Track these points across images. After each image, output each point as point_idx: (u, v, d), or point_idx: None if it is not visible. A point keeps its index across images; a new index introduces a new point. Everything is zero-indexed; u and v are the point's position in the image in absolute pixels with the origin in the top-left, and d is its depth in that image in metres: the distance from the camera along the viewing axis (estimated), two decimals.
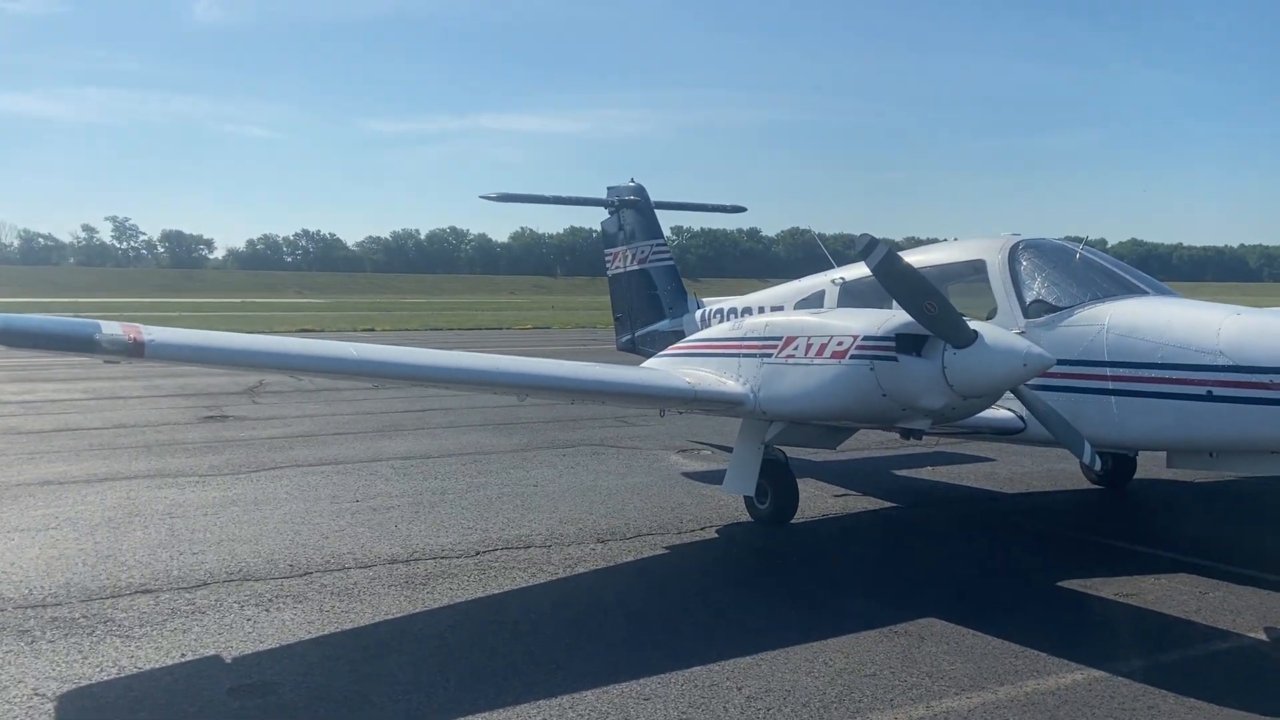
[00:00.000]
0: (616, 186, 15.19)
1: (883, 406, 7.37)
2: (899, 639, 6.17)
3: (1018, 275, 8.72)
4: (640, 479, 11.44)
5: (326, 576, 7.52)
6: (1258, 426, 6.94)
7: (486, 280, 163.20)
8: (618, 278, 15.24)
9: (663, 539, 8.74)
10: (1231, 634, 6.26)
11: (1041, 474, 11.71)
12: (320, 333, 41.33)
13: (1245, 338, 7.05)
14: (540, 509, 9.85)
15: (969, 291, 9.27)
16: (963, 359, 6.98)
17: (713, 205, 17.33)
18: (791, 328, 7.98)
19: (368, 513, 9.62)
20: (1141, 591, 7.14)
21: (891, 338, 7.23)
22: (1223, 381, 7.03)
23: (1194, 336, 7.27)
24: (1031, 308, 8.46)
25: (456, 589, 7.22)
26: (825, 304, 10.32)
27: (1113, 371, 7.67)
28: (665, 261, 14.65)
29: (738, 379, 8.24)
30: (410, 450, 13.30)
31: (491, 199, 15.20)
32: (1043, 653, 5.89)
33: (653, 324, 14.31)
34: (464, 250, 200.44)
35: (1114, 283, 8.46)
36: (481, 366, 7.53)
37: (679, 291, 14.28)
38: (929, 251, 9.99)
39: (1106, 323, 7.85)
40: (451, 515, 9.55)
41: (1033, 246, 9.01)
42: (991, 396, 7.31)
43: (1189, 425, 7.27)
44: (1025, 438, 8.44)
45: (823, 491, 10.78)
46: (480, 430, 15.24)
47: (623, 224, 15.05)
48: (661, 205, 15.26)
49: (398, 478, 11.41)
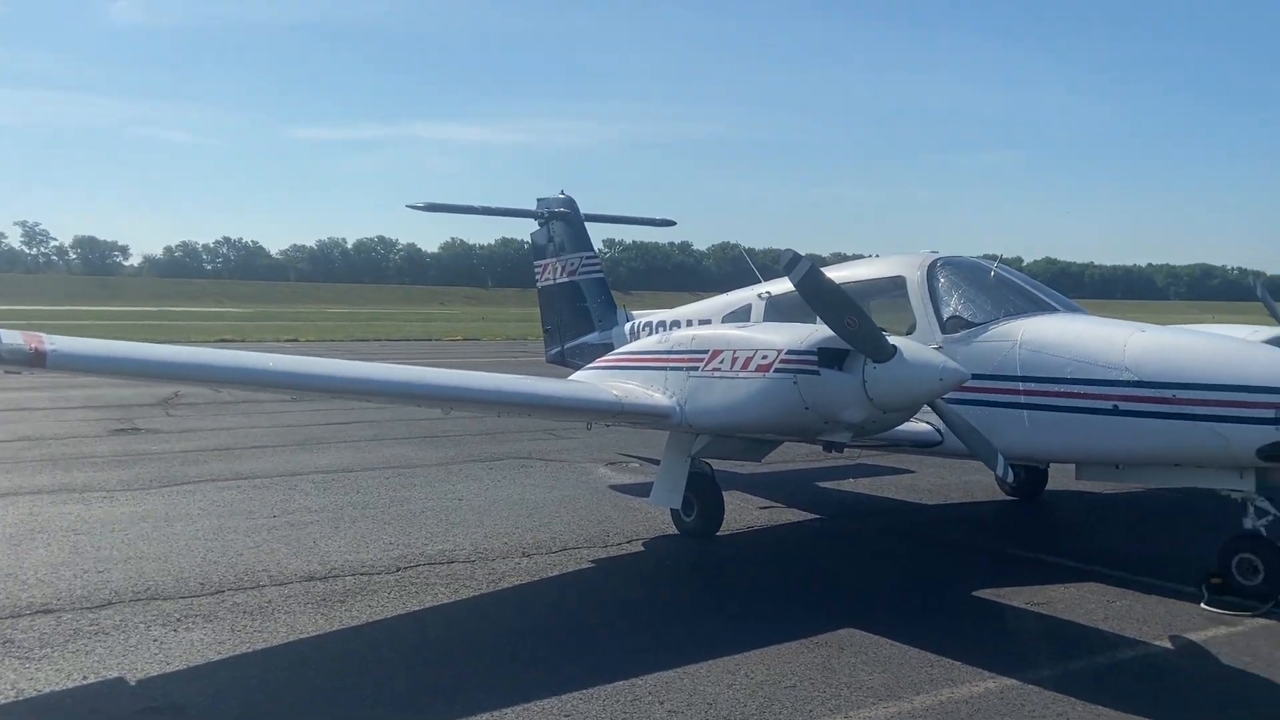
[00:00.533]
0: (546, 198, 15.15)
1: (806, 419, 7.47)
2: (819, 650, 6.23)
3: (936, 292, 8.92)
4: (567, 492, 11.39)
5: (239, 595, 7.31)
6: (1160, 439, 7.20)
7: (415, 291, 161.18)
8: (547, 289, 15.18)
9: (589, 552, 8.70)
10: (1138, 642, 6.46)
11: (958, 486, 11.98)
12: (241, 343, 40.32)
13: (1148, 354, 7.32)
14: (465, 523, 9.73)
15: (889, 307, 9.45)
16: (882, 373, 7.11)
17: (643, 219, 17.39)
18: (718, 341, 8.04)
19: (285, 528, 9.39)
20: (1051, 600, 7.34)
21: (814, 352, 7.33)
22: (1127, 396, 7.29)
23: (1101, 352, 7.53)
24: (949, 323, 8.66)
25: (376, 606, 7.08)
26: (752, 318, 10.42)
27: (1025, 386, 7.90)
28: (595, 274, 14.65)
29: (665, 392, 8.27)
30: (331, 464, 13.04)
31: (419, 208, 15.05)
32: (957, 661, 6.01)
33: (582, 336, 14.28)
34: (393, 260, 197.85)
35: (1026, 300, 8.71)
36: (405, 379, 7.42)
37: (609, 304, 14.29)
38: (851, 267, 10.17)
39: (1019, 338, 8.07)
40: (373, 530, 9.37)
41: (950, 264, 9.23)
42: (910, 410, 7.46)
43: (1096, 438, 7.52)
44: (942, 450, 8.63)
45: (748, 504, 10.86)
46: (405, 443, 15.02)
47: (552, 235, 15.01)
48: (591, 218, 15.26)
49: (317, 492, 11.17)
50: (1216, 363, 7.07)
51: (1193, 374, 7.06)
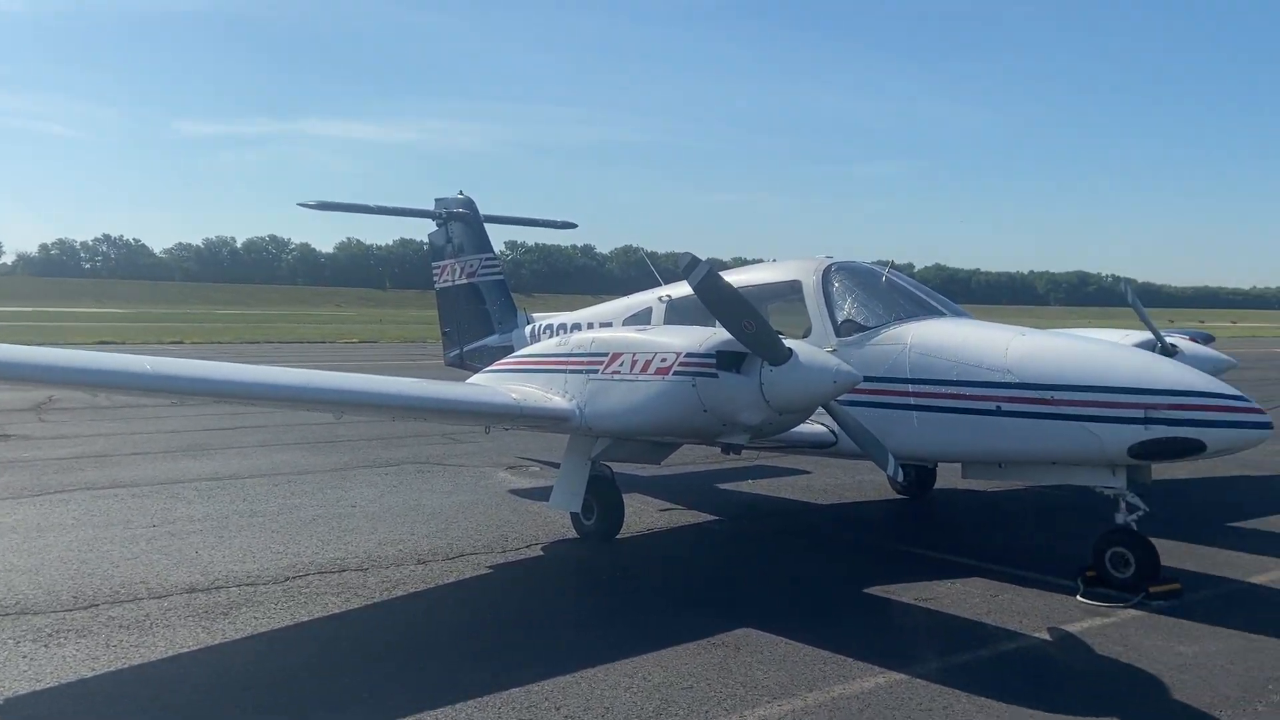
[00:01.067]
0: (445, 198, 14.92)
1: (704, 421, 7.53)
2: (716, 650, 6.28)
3: (830, 296, 9.10)
4: (466, 497, 11.23)
5: (115, 608, 6.97)
6: (1039, 439, 7.50)
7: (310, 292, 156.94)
8: (446, 291, 14.95)
9: (487, 558, 8.59)
10: (1019, 634, 6.70)
11: (852, 485, 12.26)
12: (122, 345, 38.56)
13: (1029, 357, 7.62)
14: (358, 530, 9.49)
15: (786, 310, 9.61)
16: (779, 376, 7.22)
17: (543, 220, 17.28)
18: (617, 344, 8.04)
19: (165, 538, 9.00)
20: (939, 596, 7.57)
21: (713, 355, 7.40)
22: (1010, 398, 7.57)
23: (985, 355, 7.80)
24: (843, 327, 8.85)
25: (261, 618, 6.83)
26: (652, 321, 10.46)
27: (914, 388, 8.12)
28: (495, 275, 14.49)
29: (564, 395, 8.22)
30: (217, 471, 12.56)
31: (310, 206, 14.64)
32: (849, 657, 6.13)
33: (482, 339, 14.11)
34: (285, 260, 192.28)
35: (916, 304, 8.97)
36: (292, 382, 7.18)
37: (508, 306, 14.15)
38: (749, 271, 10.30)
39: (909, 342, 8.30)
40: (259, 539, 9.06)
41: (844, 269, 9.43)
42: (805, 412, 7.59)
43: (981, 438, 7.78)
44: (837, 451, 8.81)
45: (648, 506, 10.90)
46: (296, 449, 14.58)
47: (451, 237, 14.79)
48: (491, 219, 15.09)
49: (201, 500, 10.74)
50: (1090, 365, 7.40)
51: (1069, 376, 7.38)
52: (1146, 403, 7.05)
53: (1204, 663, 6.17)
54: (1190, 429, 6.96)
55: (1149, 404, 7.04)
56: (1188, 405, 6.97)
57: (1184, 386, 7.08)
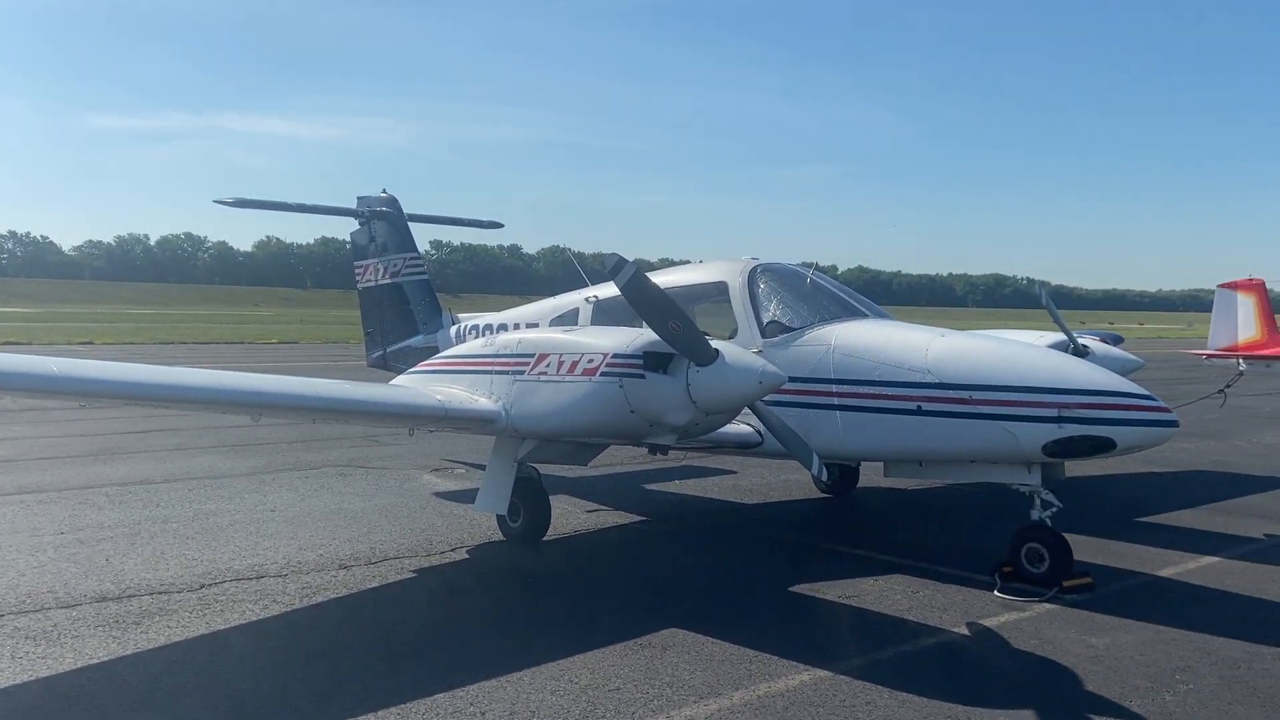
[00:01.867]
0: (367, 196, 14.65)
1: (631, 422, 7.52)
2: (643, 651, 6.28)
3: (756, 297, 9.18)
4: (389, 500, 11.04)
5: (21, 619, 6.67)
6: (958, 438, 7.66)
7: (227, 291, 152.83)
8: (369, 291, 14.68)
9: (411, 562, 8.45)
10: (939, 629, 6.84)
11: (778, 485, 12.39)
12: (28, 346, 37.04)
13: (948, 358, 7.79)
14: (277, 535, 9.26)
15: (712, 311, 9.67)
16: (705, 377, 7.25)
17: (468, 220, 17.07)
18: (544, 345, 7.98)
19: (74, 546, 8.65)
20: (861, 593, 7.69)
21: (640, 355, 7.39)
22: (930, 398, 7.73)
23: (906, 356, 7.95)
24: (768, 328, 8.93)
25: (175, 627, 6.61)
26: (580, 322, 10.42)
27: (838, 388, 8.24)
28: (419, 275, 14.28)
29: (490, 396, 8.14)
30: (129, 476, 12.13)
31: (227, 204, 14.21)
32: (774, 656, 6.19)
33: (406, 340, 13.89)
34: (201, 259, 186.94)
35: (840, 306, 9.10)
36: (206, 383, 6.96)
37: (433, 307, 13.96)
38: (675, 273, 10.33)
39: (833, 343, 8.42)
40: (174, 546, 8.77)
41: (769, 270, 9.52)
42: (731, 412, 7.64)
43: (902, 437, 7.93)
44: (763, 451, 8.88)
45: (575, 507, 10.85)
46: (212, 453, 14.17)
47: (374, 235, 14.52)
48: (415, 218, 14.87)
49: (112, 506, 10.36)
50: (1007, 366, 7.60)
51: (986, 376, 7.56)
52: (1060, 402, 7.26)
53: (1115, 654, 6.37)
54: (1101, 427, 7.19)
55: (1062, 403, 7.25)
56: (1099, 405, 7.20)
57: (1095, 386, 7.31)
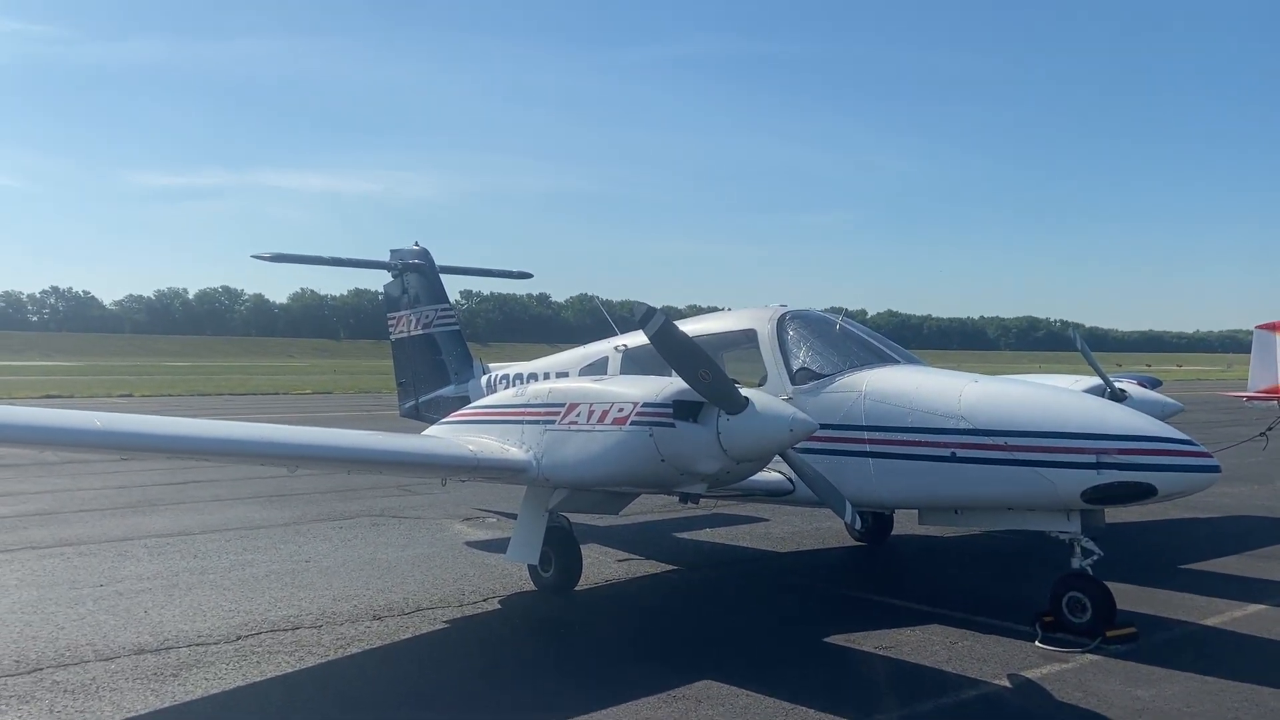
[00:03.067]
0: (400, 249, 14.90)
1: (662, 471, 7.52)
2: (677, 703, 6.22)
3: (785, 344, 9.20)
4: (422, 550, 11.07)
5: (60, 672, 6.74)
6: (994, 485, 7.58)
7: (263, 343, 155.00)
8: (401, 342, 14.87)
9: (444, 613, 8.45)
10: (980, 681, 6.72)
11: (811, 533, 12.29)
12: (69, 399, 37.73)
13: (982, 403, 7.74)
14: (312, 586, 9.31)
15: (742, 359, 9.69)
16: (735, 425, 7.25)
17: (498, 271, 17.31)
18: (574, 394, 8.03)
19: (113, 598, 8.75)
20: (899, 644, 7.58)
21: (669, 404, 7.42)
22: (964, 444, 7.66)
23: (938, 402, 7.91)
24: (798, 375, 8.93)
25: (212, 679, 6.65)
26: (609, 371, 10.48)
27: (869, 435, 8.20)
28: (450, 326, 14.45)
29: (521, 446, 8.18)
30: (167, 527, 12.27)
31: (265, 259, 14.51)
32: (810, 709, 6.10)
33: (437, 390, 14.02)
34: (238, 311, 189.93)
35: (870, 352, 9.09)
36: (245, 436, 7.08)
37: (464, 357, 14.10)
38: (704, 321, 10.38)
39: (864, 389, 8.40)
40: (211, 597, 8.84)
41: (798, 317, 9.54)
42: (762, 460, 7.62)
43: (937, 485, 7.85)
44: (794, 499, 8.84)
45: (606, 556, 10.82)
46: (249, 503, 14.30)
47: (406, 287, 14.75)
48: (446, 269, 15.09)
49: (151, 558, 10.48)
50: (1042, 411, 7.53)
51: (1021, 422, 7.50)
52: (1098, 448, 7.18)
53: (1161, 706, 6.22)
54: (1141, 473, 7.09)
55: (1100, 449, 7.17)
56: (1138, 450, 7.11)
57: (1134, 431, 7.22)
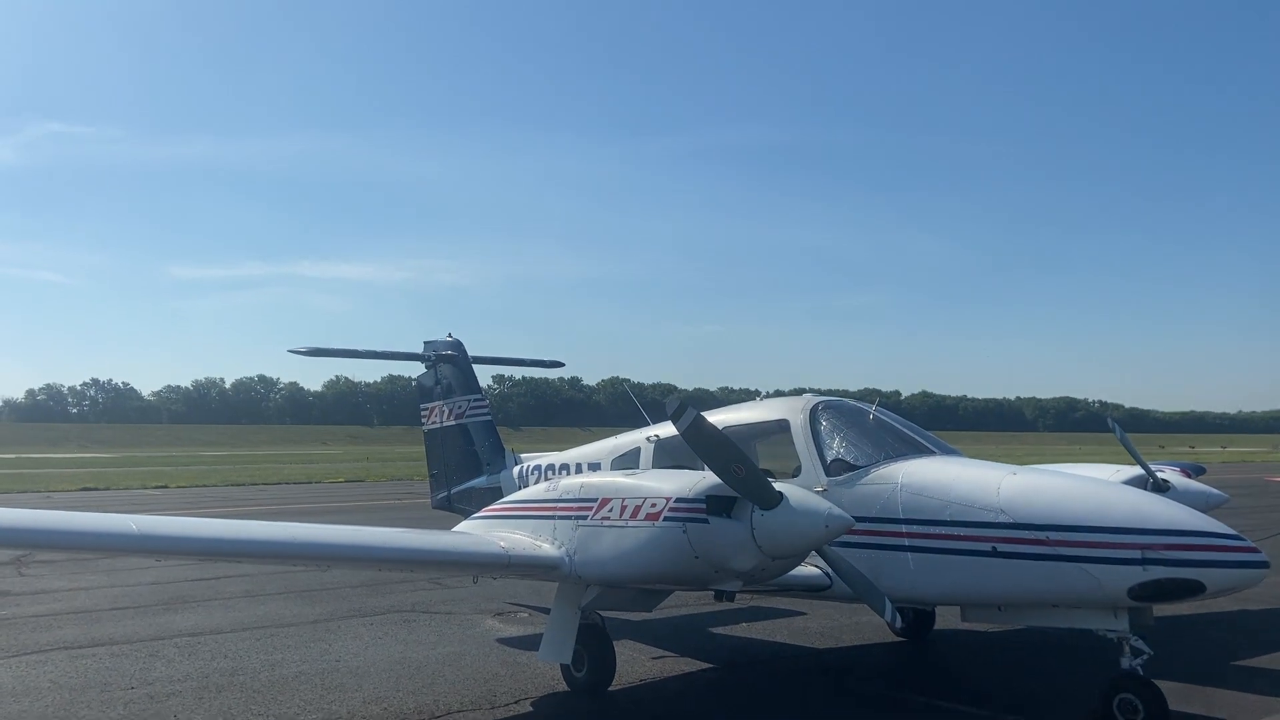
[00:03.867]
0: (433, 341, 15.08)
1: (696, 568, 7.42)
2: None
3: (819, 435, 9.12)
4: (453, 648, 10.92)
5: None
6: (1039, 581, 7.38)
7: (297, 431, 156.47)
8: (434, 433, 14.94)
9: (474, 715, 8.29)
10: None
11: (850, 627, 11.99)
12: (105, 491, 38.12)
13: (1022, 496, 7.58)
14: (343, 688, 9.18)
15: (775, 450, 9.61)
16: (770, 520, 7.16)
17: (531, 360, 17.44)
18: (606, 489, 8.00)
19: (144, 701, 8.67)
20: None
21: (703, 499, 7.35)
22: (1005, 538, 7.49)
23: (977, 495, 7.76)
24: (832, 466, 8.83)
25: None
26: (641, 462, 10.44)
27: (907, 528, 8.05)
28: (483, 416, 14.51)
29: (553, 542, 8.13)
30: (199, 625, 12.22)
31: (301, 353, 14.74)
32: None
33: (469, 481, 14.03)
34: (273, 400, 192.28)
35: (904, 442, 8.98)
36: (277, 538, 7.09)
37: (496, 447, 14.12)
38: (736, 411, 10.35)
39: (900, 481, 8.27)
40: (241, 701, 8.74)
41: (831, 407, 9.48)
42: (798, 557, 7.50)
43: (978, 580, 7.66)
44: (832, 594, 8.66)
45: (640, 654, 10.61)
46: (280, 599, 14.23)
47: (440, 378, 14.88)
48: (479, 360, 15.24)
49: (182, 658, 10.41)
50: (1084, 504, 7.37)
51: (1063, 516, 7.33)
52: (1143, 543, 6.99)
53: None
54: (1189, 569, 6.90)
55: (1145, 544, 6.98)
56: (1184, 545, 6.92)
57: (1180, 526, 7.04)
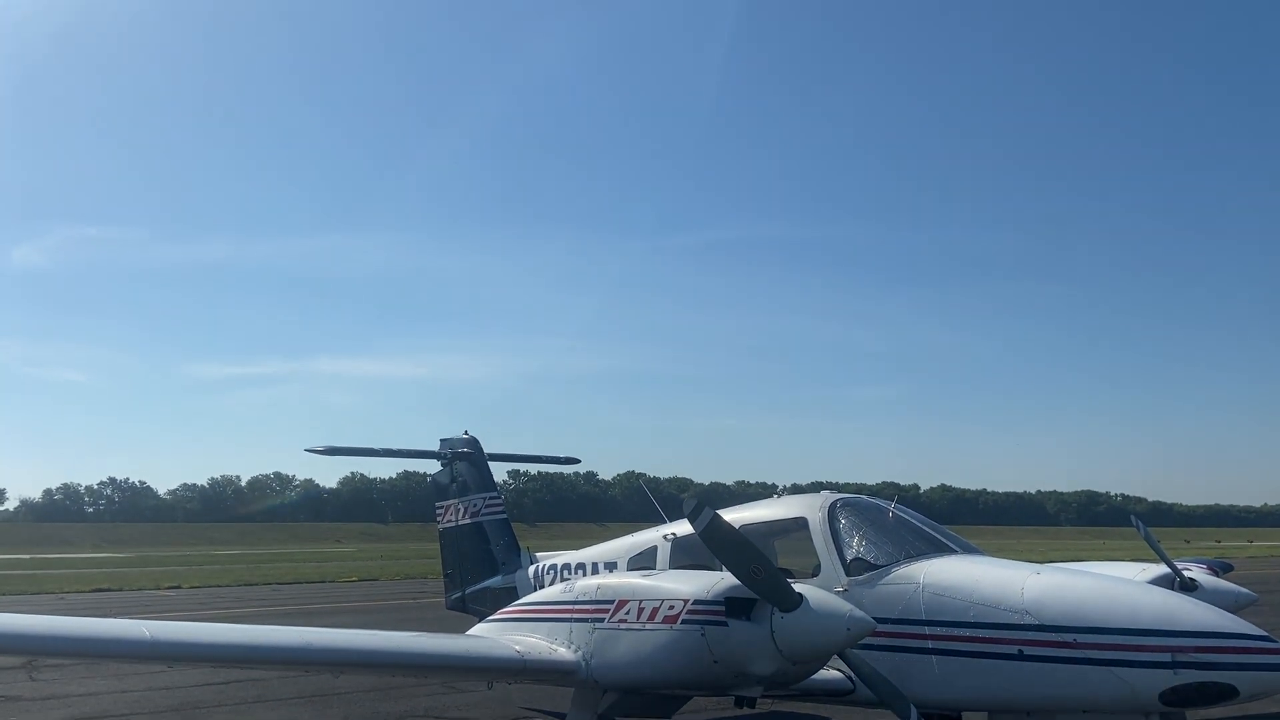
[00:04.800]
0: (449, 438, 15.12)
1: (715, 673, 7.28)
2: None
3: (838, 533, 9.00)
4: None
5: None
6: (1067, 685, 7.18)
7: (311, 528, 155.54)
8: (449, 532, 14.87)
9: None
10: None
11: None
12: (118, 591, 37.83)
13: (1047, 597, 7.43)
14: None
15: (793, 548, 9.48)
16: (790, 623, 7.04)
17: (547, 457, 17.48)
18: (623, 590, 7.91)
19: None
20: None
21: (721, 601, 7.26)
22: (1031, 640, 7.32)
23: (1001, 595, 7.60)
24: (852, 565, 8.69)
25: None
26: (658, 560, 10.32)
27: (931, 630, 7.87)
28: (498, 515, 14.46)
29: (569, 645, 8.00)
30: None
31: (318, 452, 14.83)
32: None
33: (485, 580, 13.90)
34: (288, 497, 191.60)
35: (925, 541, 8.85)
36: (290, 644, 7.01)
37: (512, 545, 14.02)
38: (753, 508, 10.26)
39: (922, 581, 8.13)
40: None
41: (850, 504, 9.38)
42: (820, 661, 7.35)
43: (1005, 684, 7.45)
44: (855, 699, 8.43)
45: None
46: (293, 704, 13.97)
47: (455, 476, 14.88)
48: (495, 457, 15.26)
49: None
50: (1111, 606, 7.21)
51: (1090, 617, 7.17)
52: (1173, 645, 6.82)
53: None
54: (1221, 673, 6.71)
55: (1175, 647, 6.81)
56: (1216, 648, 6.75)
57: (1210, 628, 6.88)
